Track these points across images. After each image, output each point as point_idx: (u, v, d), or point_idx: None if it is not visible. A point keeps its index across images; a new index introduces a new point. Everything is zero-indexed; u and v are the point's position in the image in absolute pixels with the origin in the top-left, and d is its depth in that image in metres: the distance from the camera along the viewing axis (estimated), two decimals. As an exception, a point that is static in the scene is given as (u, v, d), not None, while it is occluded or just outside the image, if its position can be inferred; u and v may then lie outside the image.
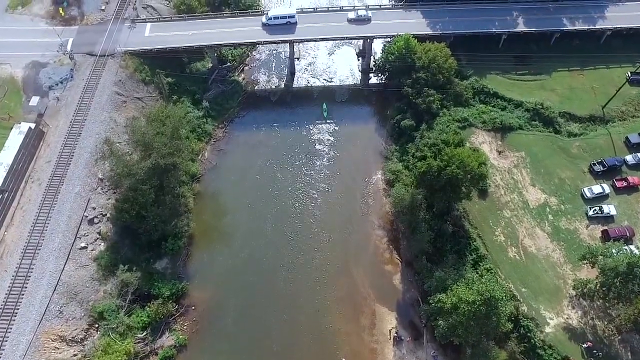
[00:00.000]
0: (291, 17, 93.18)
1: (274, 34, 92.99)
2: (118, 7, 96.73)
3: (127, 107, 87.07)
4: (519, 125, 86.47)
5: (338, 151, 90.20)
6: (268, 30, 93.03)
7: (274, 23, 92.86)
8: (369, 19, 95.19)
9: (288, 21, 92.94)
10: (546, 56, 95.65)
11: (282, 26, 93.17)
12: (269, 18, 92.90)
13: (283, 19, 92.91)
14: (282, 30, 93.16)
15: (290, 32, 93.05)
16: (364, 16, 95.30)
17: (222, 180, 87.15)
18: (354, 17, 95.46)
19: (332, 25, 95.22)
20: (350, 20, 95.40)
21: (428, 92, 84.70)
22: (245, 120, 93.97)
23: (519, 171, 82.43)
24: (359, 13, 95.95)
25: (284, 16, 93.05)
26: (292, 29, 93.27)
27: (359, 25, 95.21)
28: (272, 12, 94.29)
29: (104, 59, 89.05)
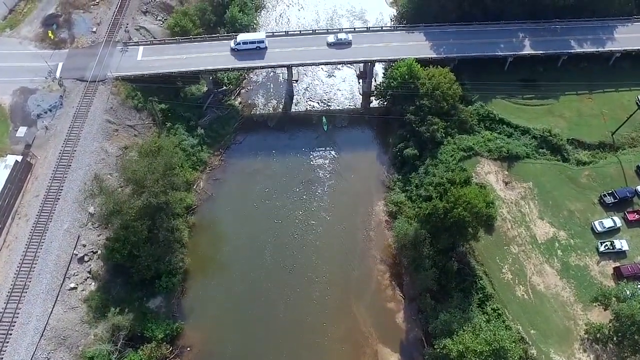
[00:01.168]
0: (260, 42, 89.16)
1: (243, 60, 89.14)
2: (110, 29, 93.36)
3: (119, 135, 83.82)
4: (526, 154, 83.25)
5: (338, 179, 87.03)
6: (236, 56, 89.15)
7: (243, 48, 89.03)
8: (349, 42, 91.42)
9: (257, 46, 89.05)
10: (553, 79, 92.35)
11: (251, 51, 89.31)
12: (237, 43, 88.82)
13: (252, 44, 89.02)
14: (251, 56, 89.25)
15: (259, 58, 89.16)
16: (344, 40, 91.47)
17: (218, 211, 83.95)
18: (334, 40, 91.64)
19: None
20: (330, 44, 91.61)
21: (432, 120, 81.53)
22: (242, 147, 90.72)
23: (527, 203, 79.32)
24: (339, 37, 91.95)
25: (253, 41, 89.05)
26: (261, 54, 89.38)
27: (339, 49, 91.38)
28: (241, 37, 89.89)
29: (95, 85, 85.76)
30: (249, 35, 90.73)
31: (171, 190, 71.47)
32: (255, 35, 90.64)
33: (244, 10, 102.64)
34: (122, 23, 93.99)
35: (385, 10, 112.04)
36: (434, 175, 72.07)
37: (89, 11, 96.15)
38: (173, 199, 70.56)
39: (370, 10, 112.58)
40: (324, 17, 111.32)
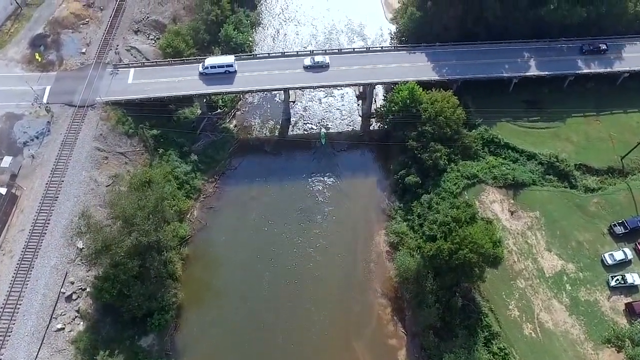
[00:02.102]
0: (229, 65, 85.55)
1: (211, 85, 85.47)
2: (100, 50, 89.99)
3: (109, 163, 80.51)
4: (532, 181, 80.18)
5: (337, 206, 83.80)
6: (204, 81, 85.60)
7: (212, 72, 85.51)
8: (326, 65, 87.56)
9: (226, 70, 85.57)
10: (559, 100, 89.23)
11: (220, 76, 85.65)
12: (205, 67, 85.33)
13: (221, 68, 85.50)
14: (220, 81, 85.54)
15: (228, 83, 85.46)
16: (321, 62, 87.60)
17: (213, 241, 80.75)
18: (310, 63, 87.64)
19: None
20: (307, 67, 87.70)
21: (435, 147, 78.36)
22: (238, 173, 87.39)
23: (533, 234, 76.25)
24: (316, 59, 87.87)
25: (221, 65, 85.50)
26: (230, 78, 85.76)
27: (316, 72, 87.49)
28: (208, 60, 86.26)
29: (84, 110, 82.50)
30: (217, 59, 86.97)
31: (163, 226, 68.29)
32: (224, 59, 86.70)
33: (239, 28, 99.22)
34: (112, 44, 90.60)
35: (385, 25, 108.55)
36: (438, 212, 68.88)
37: (78, 31, 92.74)
38: (165, 236, 67.21)
39: (369, 25, 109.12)
40: (322, 33, 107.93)
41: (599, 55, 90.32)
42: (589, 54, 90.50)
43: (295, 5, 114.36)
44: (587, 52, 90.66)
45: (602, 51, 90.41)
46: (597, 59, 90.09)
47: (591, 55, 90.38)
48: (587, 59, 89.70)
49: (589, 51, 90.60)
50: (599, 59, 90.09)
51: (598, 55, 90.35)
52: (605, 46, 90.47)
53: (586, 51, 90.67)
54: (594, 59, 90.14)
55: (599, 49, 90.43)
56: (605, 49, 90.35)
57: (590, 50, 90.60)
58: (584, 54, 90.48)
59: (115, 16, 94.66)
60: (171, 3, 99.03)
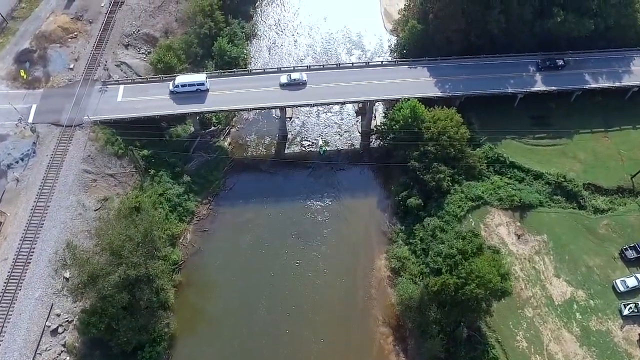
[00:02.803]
0: (200, 84, 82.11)
1: (182, 104, 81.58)
2: (88, 65, 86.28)
3: (98, 186, 77.01)
4: (539, 202, 76.96)
5: (337, 229, 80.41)
6: (175, 100, 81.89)
7: (182, 91, 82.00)
8: (304, 82, 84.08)
9: (198, 88, 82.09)
10: (566, 115, 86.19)
11: (191, 94, 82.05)
12: (176, 85, 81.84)
13: (192, 87, 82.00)
14: (191, 100, 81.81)
15: (199, 102, 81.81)
16: (297, 80, 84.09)
17: (207, 266, 77.37)
18: (286, 81, 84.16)
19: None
20: (283, 85, 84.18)
21: (438, 168, 75.09)
22: (232, 194, 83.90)
23: (541, 259, 73.02)
24: (292, 77, 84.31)
25: (192, 83, 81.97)
26: (202, 97, 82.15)
27: (293, 90, 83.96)
28: (179, 79, 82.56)
29: (71, 130, 78.92)
30: (188, 77, 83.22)
31: (154, 255, 64.92)
32: (195, 77, 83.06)
33: (234, 41, 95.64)
34: (101, 59, 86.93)
35: (384, 36, 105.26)
36: (442, 243, 65.58)
37: (66, 45, 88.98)
38: (155, 269, 63.69)
39: (368, 36, 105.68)
40: (319, 43, 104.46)
41: (556, 72, 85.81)
42: (546, 70, 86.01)
43: (292, 14, 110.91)
44: (544, 68, 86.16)
45: (559, 67, 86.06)
46: (554, 75, 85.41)
47: (547, 71, 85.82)
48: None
49: (546, 67, 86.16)
50: (556, 75, 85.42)
51: (555, 72, 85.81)
52: (563, 62, 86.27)
53: (542, 67, 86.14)
54: (551, 75, 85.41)
55: (555, 64, 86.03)
56: (563, 65, 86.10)
57: (547, 67, 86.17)
58: (540, 70, 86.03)
59: (104, 29, 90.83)
60: (163, 15, 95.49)
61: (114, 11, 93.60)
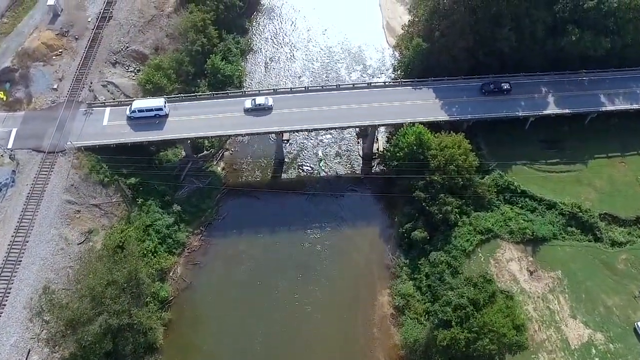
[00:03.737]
0: (159, 109, 77.04)
1: (138, 131, 76.48)
2: (73, 85, 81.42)
3: (82, 218, 72.07)
4: (552, 234, 72.00)
5: (336, 262, 75.37)
6: (132, 126, 76.82)
7: (139, 116, 77.01)
8: (269, 107, 79.18)
9: (156, 114, 77.09)
10: (580, 139, 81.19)
11: (149, 120, 77.05)
12: (132, 111, 76.96)
13: (149, 112, 77.11)
14: (148, 127, 76.76)
15: (157, 129, 76.64)
16: (263, 105, 79.07)
17: (199, 302, 72.44)
18: (251, 106, 79.19)
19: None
20: (247, 110, 79.19)
21: (445, 200, 70.16)
22: (226, 224, 78.87)
23: (556, 298, 68.11)
24: (257, 101, 79.28)
25: (150, 108, 77.02)
26: (160, 124, 77.09)
27: (257, 116, 78.92)
28: (136, 103, 77.69)
29: (54, 157, 74.03)
30: (145, 102, 78.09)
31: (139, 301, 60.06)
32: (153, 102, 77.81)
33: (228, 58, 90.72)
34: (87, 79, 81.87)
35: (387, 51, 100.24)
36: (452, 289, 60.61)
37: (50, 63, 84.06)
38: (140, 317, 58.60)
39: (369, 50, 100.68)
40: (318, 61, 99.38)
41: (502, 96, 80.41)
42: (491, 95, 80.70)
43: (290, 27, 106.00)
44: (488, 92, 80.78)
45: (504, 91, 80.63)
46: (501, 99, 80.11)
47: (493, 96, 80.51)
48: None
49: (490, 92, 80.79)
50: (503, 99, 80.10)
51: (501, 96, 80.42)
52: (509, 85, 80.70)
53: (486, 92, 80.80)
54: (497, 100, 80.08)
55: (501, 88, 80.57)
56: (509, 89, 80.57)
57: (491, 91, 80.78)
58: (484, 94, 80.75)
59: (91, 46, 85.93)
60: (153, 31, 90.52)
61: (101, 26, 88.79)
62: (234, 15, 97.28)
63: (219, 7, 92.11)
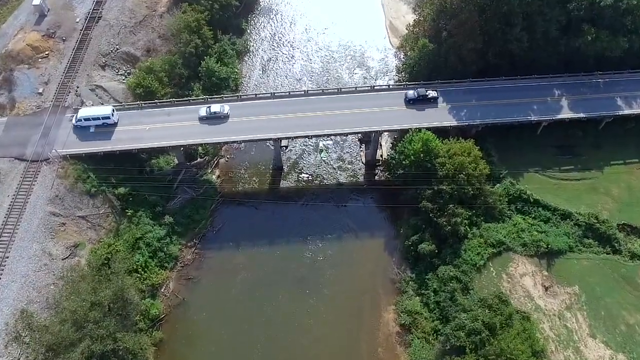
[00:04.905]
0: (106, 117, 72.45)
1: (86, 140, 71.78)
2: (59, 89, 77.04)
3: (67, 231, 67.60)
4: (568, 247, 67.65)
5: (338, 276, 71.03)
6: (79, 135, 72.16)
7: (86, 125, 72.55)
8: (225, 116, 74.64)
9: (104, 122, 72.67)
10: (595, 144, 76.95)
11: (97, 129, 72.67)
12: (78, 119, 72.50)
13: (96, 120, 72.62)
14: (96, 135, 72.28)
15: (105, 138, 72.10)
16: (218, 113, 74.46)
17: (192, 320, 68.15)
18: (205, 114, 74.62)
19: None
20: (202, 119, 74.58)
21: (454, 211, 65.81)
22: (221, 236, 74.53)
23: (573, 315, 63.73)
24: (212, 109, 74.61)
25: (96, 117, 72.49)
26: (108, 133, 72.59)
27: (213, 124, 74.24)
28: (82, 111, 73.07)
29: (37, 166, 69.61)
30: (91, 110, 73.46)
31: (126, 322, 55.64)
32: (99, 110, 73.33)
33: (223, 60, 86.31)
34: (74, 83, 77.38)
35: (390, 52, 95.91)
36: (465, 310, 56.22)
37: (35, 66, 79.66)
38: (125, 342, 54.09)
39: (371, 51, 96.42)
40: (318, 62, 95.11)
41: (428, 104, 75.60)
42: (417, 104, 75.68)
43: (288, 27, 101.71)
44: (413, 100, 75.78)
45: (431, 99, 75.77)
46: (427, 108, 75.35)
47: (420, 104, 75.57)
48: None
49: (415, 100, 75.77)
50: (429, 107, 75.34)
51: (427, 104, 75.60)
52: (436, 93, 75.96)
53: (411, 100, 75.80)
54: (424, 108, 75.31)
55: (425, 97, 75.67)
56: (435, 97, 75.74)
57: (417, 99, 75.77)
58: (409, 103, 75.83)
59: (79, 48, 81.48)
60: (145, 32, 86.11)
61: (89, 27, 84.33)
62: (230, 15, 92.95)
63: (214, 6, 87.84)
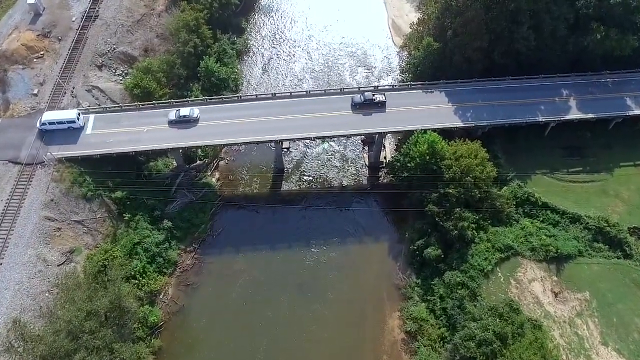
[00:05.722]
0: (71, 121, 70.19)
1: (51, 145, 69.34)
2: (54, 90, 75.20)
3: (62, 236, 65.63)
4: (578, 251, 65.84)
5: (341, 281, 69.13)
6: (44, 139, 69.81)
7: (51, 129, 70.31)
8: (195, 119, 72.23)
9: (69, 126, 70.38)
10: (604, 145, 75.23)
11: (63, 133, 70.19)
12: (43, 123, 70.23)
13: (61, 124, 70.35)
14: (62, 139, 69.69)
15: (71, 142, 69.63)
16: (187, 117, 72.05)
17: (191, 327, 66.07)
18: (174, 118, 72.19)
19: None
20: (171, 122, 72.05)
21: (461, 215, 64.02)
22: (221, 240, 72.64)
23: (584, 322, 61.88)
24: (181, 113, 72.17)
25: (61, 121, 70.23)
26: (75, 136, 70.21)
27: (182, 128, 71.81)
28: (46, 115, 70.91)
29: (32, 169, 67.62)
30: (56, 114, 71.13)
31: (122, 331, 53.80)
32: (64, 114, 70.97)
33: (223, 60, 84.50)
34: (69, 84, 75.53)
35: (393, 51, 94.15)
36: (474, 319, 54.30)
37: (30, 67, 77.81)
38: (122, 354, 52.12)
39: (374, 50, 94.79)
40: (319, 61, 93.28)
41: (376, 108, 73.27)
42: (364, 108, 73.36)
43: (289, 25, 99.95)
44: (360, 105, 73.45)
45: (379, 103, 73.54)
46: (375, 112, 73.04)
47: (367, 109, 73.23)
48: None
49: (362, 104, 73.42)
50: (377, 111, 73.07)
51: (375, 109, 73.28)
52: (384, 97, 73.83)
53: (358, 104, 73.48)
54: (370, 113, 72.96)
55: (372, 100, 73.41)
56: (383, 101, 73.56)
57: (363, 104, 73.38)
58: (356, 108, 73.51)
59: (75, 48, 79.64)
60: (143, 31, 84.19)
61: (86, 26, 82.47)
62: (230, 13, 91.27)
63: (213, 5, 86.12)
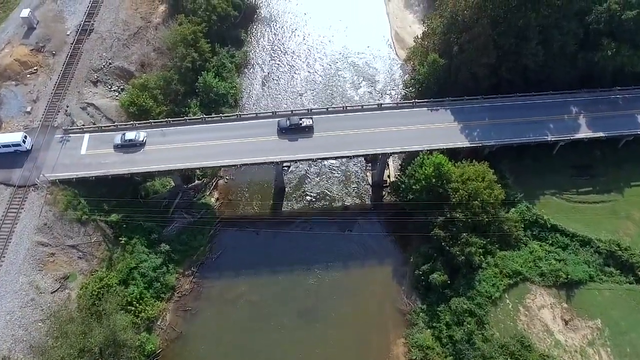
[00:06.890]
0: (16, 144, 67.49)
1: None
2: (48, 108, 73.01)
3: (56, 261, 63.58)
4: (588, 276, 63.80)
5: (344, 306, 67.08)
6: None
7: None
8: (141, 143, 69.63)
9: (15, 150, 67.68)
10: (614, 164, 72.96)
11: (8, 156, 67.48)
12: None
13: (6, 147, 67.49)
14: (7, 163, 67.04)
15: (17, 166, 66.82)
16: (133, 141, 69.43)
17: (191, 354, 64.43)
18: (120, 142, 69.48)
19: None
20: (117, 147, 69.35)
21: (468, 240, 61.93)
22: (220, 263, 70.52)
23: (596, 352, 59.79)
24: (127, 137, 69.54)
25: (6, 144, 67.54)
26: (20, 160, 67.37)
27: (127, 152, 69.00)
28: None
29: (24, 192, 65.62)
30: (1, 137, 68.57)
31: None
32: (8, 137, 68.31)
33: (222, 74, 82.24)
34: (63, 102, 73.18)
35: (396, 65, 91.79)
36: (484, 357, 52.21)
37: (23, 83, 75.80)
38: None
39: (376, 63, 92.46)
40: (322, 74, 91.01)
41: (302, 134, 70.28)
42: (290, 133, 70.32)
43: (289, 37, 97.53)
44: (286, 130, 70.32)
45: (305, 128, 70.48)
46: (302, 137, 70.10)
47: (292, 134, 70.23)
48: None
49: (288, 129, 70.33)
50: (304, 137, 70.06)
51: (301, 134, 70.29)
52: (311, 121, 70.92)
53: (284, 129, 70.32)
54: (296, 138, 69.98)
55: (298, 125, 70.39)
56: (310, 126, 70.58)
57: (289, 128, 70.36)
58: (282, 133, 70.38)
59: (69, 63, 77.50)
60: (139, 45, 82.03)
61: (81, 40, 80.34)
62: (228, 26, 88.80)
63: (212, 17, 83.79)
